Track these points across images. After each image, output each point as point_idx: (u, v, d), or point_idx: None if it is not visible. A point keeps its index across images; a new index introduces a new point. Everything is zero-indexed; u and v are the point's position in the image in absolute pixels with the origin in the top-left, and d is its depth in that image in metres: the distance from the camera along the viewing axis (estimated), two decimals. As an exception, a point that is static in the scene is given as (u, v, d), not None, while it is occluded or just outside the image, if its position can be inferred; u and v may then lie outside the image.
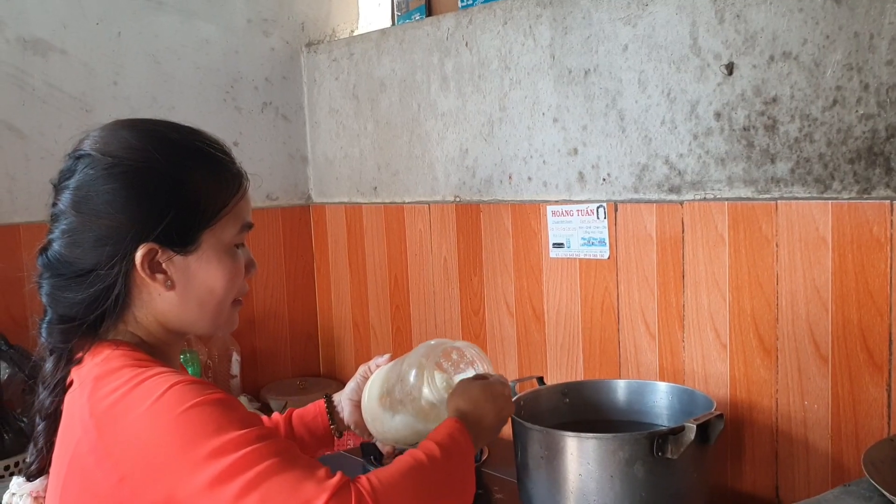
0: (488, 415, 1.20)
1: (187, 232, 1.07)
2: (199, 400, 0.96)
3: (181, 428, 0.94)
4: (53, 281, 1.08)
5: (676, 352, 1.73)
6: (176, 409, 0.95)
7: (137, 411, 0.96)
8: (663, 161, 1.71)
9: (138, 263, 1.05)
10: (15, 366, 2.02)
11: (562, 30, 1.87)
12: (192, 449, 0.93)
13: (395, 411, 1.27)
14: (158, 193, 1.05)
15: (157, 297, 1.08)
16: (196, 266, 1.08)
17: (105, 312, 1.06)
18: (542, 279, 2.00)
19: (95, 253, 1.05)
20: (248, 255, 1.16)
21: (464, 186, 2.17)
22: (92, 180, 1.05)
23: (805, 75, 1.48)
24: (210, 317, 1.12)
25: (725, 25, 1.57)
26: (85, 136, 1.10)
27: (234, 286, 1.12)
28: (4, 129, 2.22)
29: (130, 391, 0.98)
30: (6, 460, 1.92)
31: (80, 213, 1.05)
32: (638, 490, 1.38)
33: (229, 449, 0.93)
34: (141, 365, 1.02)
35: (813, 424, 1.53)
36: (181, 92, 2.48)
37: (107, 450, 0.97)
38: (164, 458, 0.94)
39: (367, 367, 1.40)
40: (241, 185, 1.13)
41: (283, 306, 2.70)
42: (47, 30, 2.26)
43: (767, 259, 1.56)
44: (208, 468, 0.92)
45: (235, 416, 0.97)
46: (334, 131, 2.61)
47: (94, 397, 1.00)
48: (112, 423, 0.98)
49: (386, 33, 2.39)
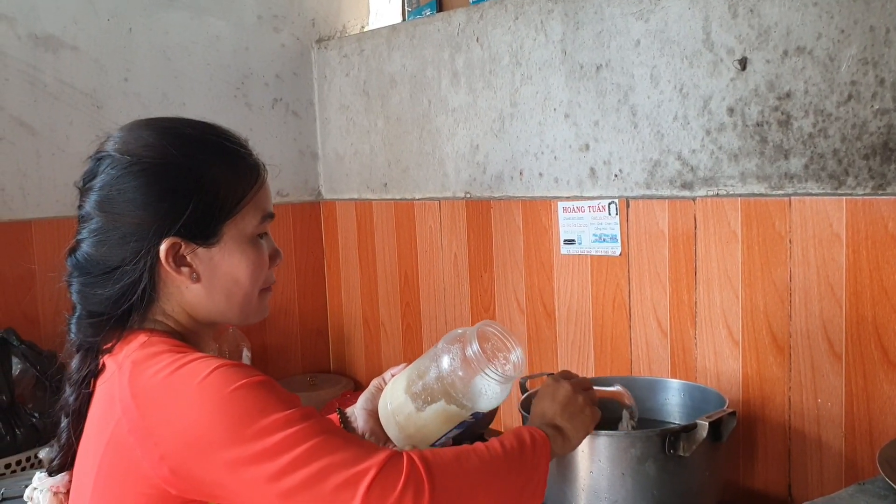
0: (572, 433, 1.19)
1: (208, 224, 1.09)
2: (244, 382, 0.99)
3: (227, 408, 0.97)
4: (83, 279, 1.11)
5: (688, 349, 1.72)
6: (223, 391, 0.98)
7: (182, 392, 0.99)
8: (676, 157, 1.70)
9: (163, 257, 1.08)
10: (27, 361, 2.03)
11: (573, 25, 1.86)
12: (240, 428, 0.96)
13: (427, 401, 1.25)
14: (177, 188, 1.08)
15: (184, 289, 1.11)
16: (220, 258, 1.11)
17: (132, 306, 1.09)
18: (552, 276, 1.99)
19: (121, 250, 1.08)
20: (272, 245, 1.18)
21: (474, 183, 2.17)
22: (114, 180, 1.08)
23: (819, 70, 1.46)
24: (238, 307, 1.14)
25: (739, 20, 1.56)
26: (106, 137, 1.13)
27: (259, 276, 1.15)
28: (16, 125, 2.22)
29: (174, 372, 1.01)
30: (18, 455, 1.93)
31: (104, 213, 1.09)
32: (650, 488, 1.38)
33: (276, 428, 0.96)
34: (180, 350, 1.05)
35: (826, 422, 1.52)
36: (192, 88, 2.48)
37: (149, 429, 0.99)
38: (210, 437, 0.97)
39: (381, 378, 1.39)
40: (259, 175, 1.15)
41: (293, 302, 2.70)
42: (58, 26, 2.27)
43: (781, 256, 1.55)
44: (255, 446, 0.95)
45: (279, 398, 1.00)
46: (344, 127, 2.61)
47: (136, 379, 1.03)
48: (155, 404, 1.01)
49: (396, 29, 2.38)
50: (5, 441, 1.93)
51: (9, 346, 2.05)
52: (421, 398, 1.25)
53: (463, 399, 1.22)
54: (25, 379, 2.03)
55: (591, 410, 1.23)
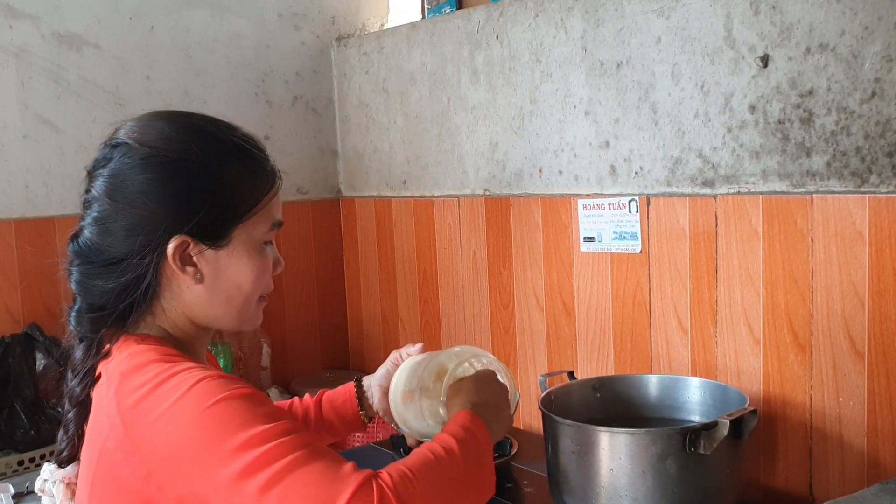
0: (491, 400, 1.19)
1: (220, 226, 1.07)
2: (226, 395, 0.96)
3: (207, 423, 0.94)
4: (84, 268, 1.08)
5: (709, 347, 1.72)
6: (202, 405, 0.95)
7: (164, 407, 0.96)
8: (696, 154, 1.69)
9: (170, 255, 1.05)
10: (50, 357, 2.05)
11: (594, 22, 1.86)
12: (218, 444, 0.93)
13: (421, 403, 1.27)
14: (194, 186, 1.05)
15: (185, 289, 1.08)
16: (226, 261, 1.08)
17: (134, 302, 1.06)
18: (572, 273, 1.99)
19: (127, 242, 1.05)
20: (275, 254, 1.16)
21: (493, 180, 2.17)
22: (128, 169, 1.05)
23: (842, 67, 1.45)
24: (236, 312, 1.12)
25: (761, 17, 1.55)
26: (120, 125, 1.10)
27: (261, 283, 1.13)
28: (40, 122, 2.24)
29: (157, 387, 0.98)
30: (42, 449, 1.95)
31: (113, 201, 1.05)
32: (670, 486, 1.37)
33: (255, 443, 0.93)
34: (168, 360, 1.02)
35: (848, 421, 1.51)
36: (213, 86, 2.50)
37: (134, 445, 0.98)
38: (190, 453, 0.94)
39: (399, 353, 1.39)
40: (274, 183, 1.13)
41: (313, 299, 2.72)
42: (81, 25, 2.29)
43: (802, 254, 1.54)
44: (234, 462, 0.93)
45: (261, 411, 0.97)
46: (364, 125, 2.61)
47: (121, 393, 1.00)
48: (139, 419, 0.98)
49: (416, 26, 2.39)
50: (29, 435, 1.96)
51: (33, 341, 2.07)
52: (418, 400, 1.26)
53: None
54: (49, 374, 2.06)
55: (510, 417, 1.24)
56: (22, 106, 2.22)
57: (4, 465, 1.90)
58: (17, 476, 1.87)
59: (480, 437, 1.11)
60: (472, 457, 1.07)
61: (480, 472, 1.09)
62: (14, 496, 1.73)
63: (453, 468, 1.04)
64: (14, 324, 2.17)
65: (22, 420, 1.97)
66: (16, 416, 1.97)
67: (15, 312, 2.20)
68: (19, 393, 1.99)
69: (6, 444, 1.93)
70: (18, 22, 2.20)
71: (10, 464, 1.90)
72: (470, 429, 1.10)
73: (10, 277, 2.20)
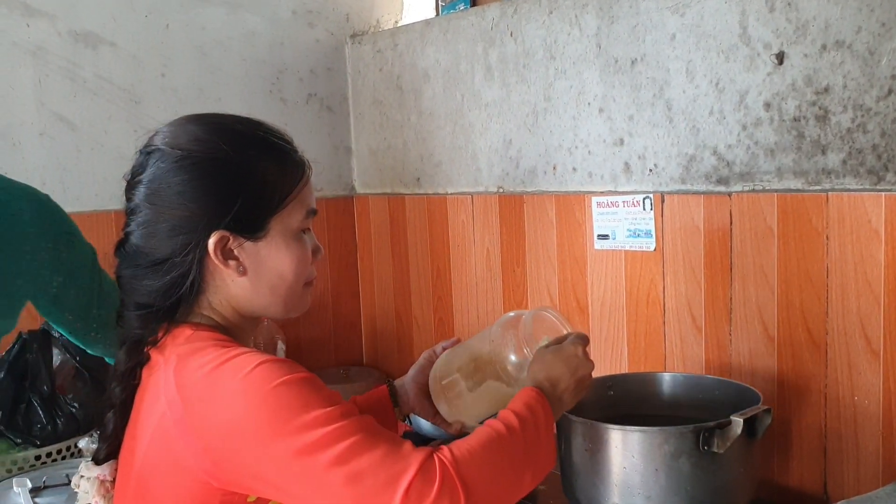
0: (563, 378, 1.22)
1: (256, 219, 1.11)
2: (287, 378, 1.00)
3: (270, 403, 0.98)
4: (131, 271, 1.13)
5: (723, 345, 1.71)
6: (265, 386, 0.99)
7: (226, 386, 1.01)
8: (711, 152, 1.69)
9: (211, 250, 1.09)
10: (67, 352, 2.07)
11: (608, 19, 1.85)
12: (281, 423, 0.98)
13: (478, 381, 1.27)
14: (227, 182, 1.09)
15: (230, 282, 1.12)
16: (266, 252, 1.12)
17: (181, 298, 1.11)
18: (586, 271, 1.98)
19: (170, 242, 1.09)
20: (313, 241, 1.20)
21: (507, 177, 2.17)
22: (164, 173, 1.10)
23: (859, 64, 1.44)
24: (281, 300, 1.16)
25: (776, 14, 1.54)
26: (155, 132, 1.15)
27: (303, 270, 1.17)
28: (57, 120, 2.26)
29: (218, 367, 1.02)
30: (59, 444, 1.96)
31: (153, 206, 1.10)
32: (683, 484, 1.37)
33: (317, 423, 0.97)
34: (225, 345, 1.07)
35: (863, 420, 1.51)
36: (227, 84, 2.51)
37: (192, 423, 1.01)
38: (252, 430, 0.98)
39: (433, 350, 1.43)
40: (305, 172, 1.17)
41: (327, 296, 2.73)
42: (97, 23, 2.30)
43: (817, 252, 1.53)
44: (297, 441, 0.97)
45: (321, 395, 1.01)
46: (378, 122, 2.62)
47: (182, 373, 1.05)
48: (199, 397, 1.02)
49: (430, 24, 2.39)
50: (46, 430, 1.97)
51: (49, 337, 2.08)
52: (473, 378, 1.27)
53: (514, 382, 1.24)
54: (65, 369, 2.07)
55: (591, 381, 1.28)
56: (39, 103, 2.23)
57: (22, 459, 1.91)
58: (35, 470, 1.88)
59: (543, 415, 1.15)
60: (533, 434, 1.11)
61: (542, 449, 1.13)
62: (31, 491, 1.74)
63: (515, 447, 1.09)
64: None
65: (39, 415, 1.98)
66: (33, 412, 1.98)
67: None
68: (37, 388, 2.00)
69: (24, 438, 1.95)
70: (35, 20, 2.22)
71: (27, 458, 1.92)
72: (533, 407, 1.14)
73: (27, 274, 2.21)
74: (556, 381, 1.22)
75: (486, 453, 1.05)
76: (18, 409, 1.98)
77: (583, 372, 1.25)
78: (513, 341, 1.26)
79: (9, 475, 1.86)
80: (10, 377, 1.99)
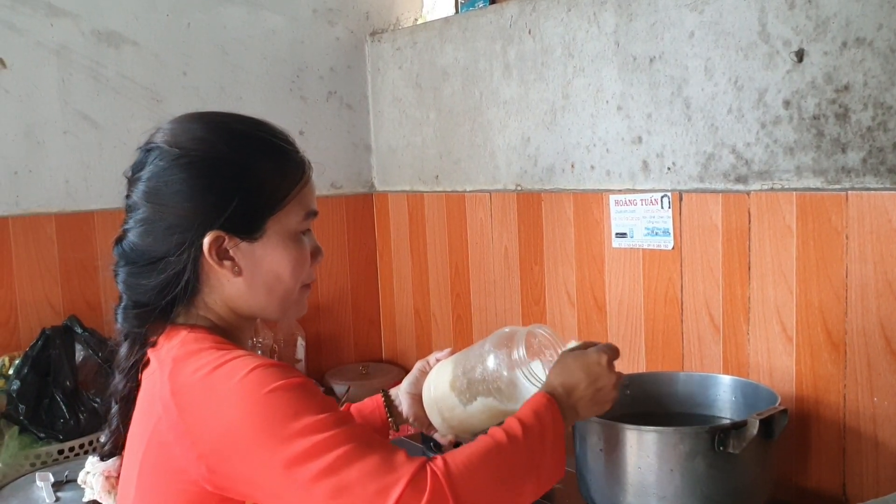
0: (579, 385, 1.17)
1: (252, 219, 1.09)
2: (281, 384, 0.98)
3: (262, 409, 0.97)
4: (128, 269, 1.12)
5: (741, 345, 1.70)
6: (258, 392, 0.98)
7: (219, 391, 0.99)
8: (730, 150, 1.67)
9: (206, 250, 1.08)
10: (89, 348, 2.10)
11: (626, 16, 1.84)
12: (272, 430, 0.96)
13: (471, 397, 1.26)
14: (223, 182, 1.08)
15: (226, 283, 1.11)
16: (262, 252, 1.11)
17: (176, 298, 1.09)
18: (604, 269, 1.98)
19: (166, 241, 1.08)
20: (313, 243, 1.18)
21: (525, 175, 2.17)
22: (162, 171, 1.09)
23: (880, 62, 1.43)
24: (278, 302, 1.14)
25: (796, 11, 1.53)
26: (156, 129, 1.14)
27: (301, 272, 1.15)
28: (80, 119, 2.29)
29: (212, 371, 1.01)
30: (81, 439, 1.99)
31: (151, 204, 1.09)
32: (699, 485, 1.36)
33: (308, 432, 0.96)
34: (221, 347, 1.06)
35: (882, 421, 1.49)
36: (248, 82, 2.52)
37: (187, 428, 1.00)
38: (243, 437, 0.97)
39: (426, 361, 1.41)
40: (304, 173, 1.15)
41: (346, 293, 2.74)
42: (120, 22, 2.33)
43: (837, 251, 1.52)
44: (287, 449, 0.95)
45: (315, 401, 0.99)
46: (397, 120, 2.62)
47: (176, 377, 1.04)
48: (193, 403, 1.01)
49: (449, 21, 2.39)
50: (69, 425, 2.00)
51: (72, 333, 2.12)
52: (466, 394, 1.26)
53: (507, 400, 1.23)
54: (88, 365, 2.10)
55: (614, 396, 1.21)
56: (62, 102, 2.26)
57: (45, 454, 1.94)
58: (58, 465, 1.91)
59: (550, 423, 1.10)
60: (535, 445, 1.07)
61: (541, 461, 1.08)
62: (54, 485, 1.77)
63: (515, 456, 1.05)
64: (55, 315, 2.23)
65: (62, 410, 2.01)
66: (56, 406, 2.01)
67: (55, 304, 2.26)
68: (59, 383, 2.03)
69: (47, 433, 1.98)
70: (59, 20, 2.25)
71: (50, 453, 1.95)
72: (541, 414, 1.10)
73: (50, 270, 2.25)
74: (571, 388, 1.17)
75: (482, 463, 1.01)
76: (41, 404, 2.01)
77: (603, 382, 1.19)
78: (505, 360, 1.24)
79: (32, 469, 1.89)
80: (34, 373, 2.03)
